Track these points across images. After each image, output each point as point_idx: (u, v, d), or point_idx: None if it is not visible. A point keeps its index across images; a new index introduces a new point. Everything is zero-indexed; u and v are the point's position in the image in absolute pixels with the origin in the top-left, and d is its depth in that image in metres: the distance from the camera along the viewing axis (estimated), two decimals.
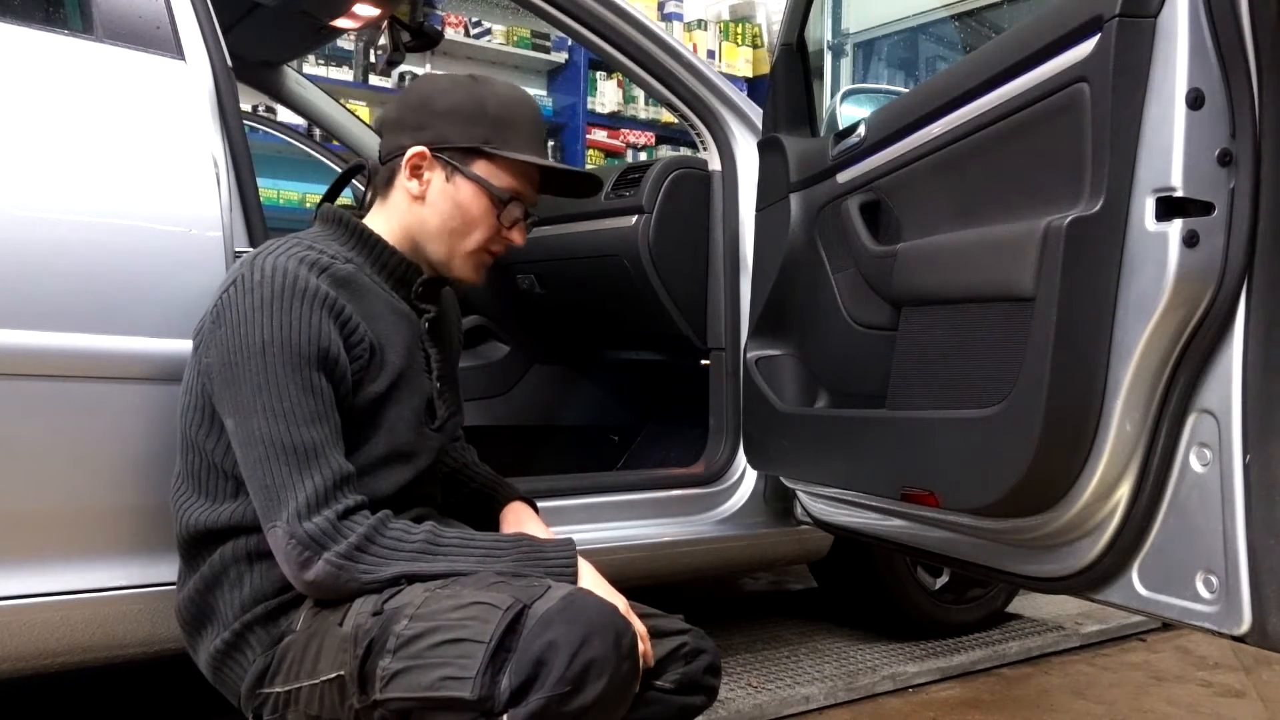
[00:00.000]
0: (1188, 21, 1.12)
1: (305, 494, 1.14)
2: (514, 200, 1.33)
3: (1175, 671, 2.26)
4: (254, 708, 1.23)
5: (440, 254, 1.34)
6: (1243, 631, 1.08)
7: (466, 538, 1.22)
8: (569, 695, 1.01)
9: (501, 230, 1.34)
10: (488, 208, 1.32)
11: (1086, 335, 1.18)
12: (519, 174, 1.33)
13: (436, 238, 1.33)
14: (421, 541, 1.18)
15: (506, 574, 1.17)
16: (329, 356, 1.19)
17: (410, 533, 1.18)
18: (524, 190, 1.35)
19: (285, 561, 1.15)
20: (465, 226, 1.33)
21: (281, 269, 1.20)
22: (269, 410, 1.15)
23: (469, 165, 1.31)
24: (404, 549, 1.17)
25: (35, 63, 1.37)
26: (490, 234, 1.34)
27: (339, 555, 1.13)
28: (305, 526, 1.13)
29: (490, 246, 1.35)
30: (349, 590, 1.15)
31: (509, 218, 1.34)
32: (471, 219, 1.32)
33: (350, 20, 2.44)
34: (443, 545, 1.19)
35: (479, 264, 1.37)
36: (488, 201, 1.32)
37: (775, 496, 2.07)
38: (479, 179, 1.31)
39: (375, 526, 1.16)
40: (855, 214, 1.64)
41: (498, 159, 1.31)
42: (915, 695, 2.10)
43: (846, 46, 5.42)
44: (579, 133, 5.20)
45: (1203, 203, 1.12)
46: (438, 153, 1.31)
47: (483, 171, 1.31)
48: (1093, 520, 1.25)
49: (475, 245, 1.34)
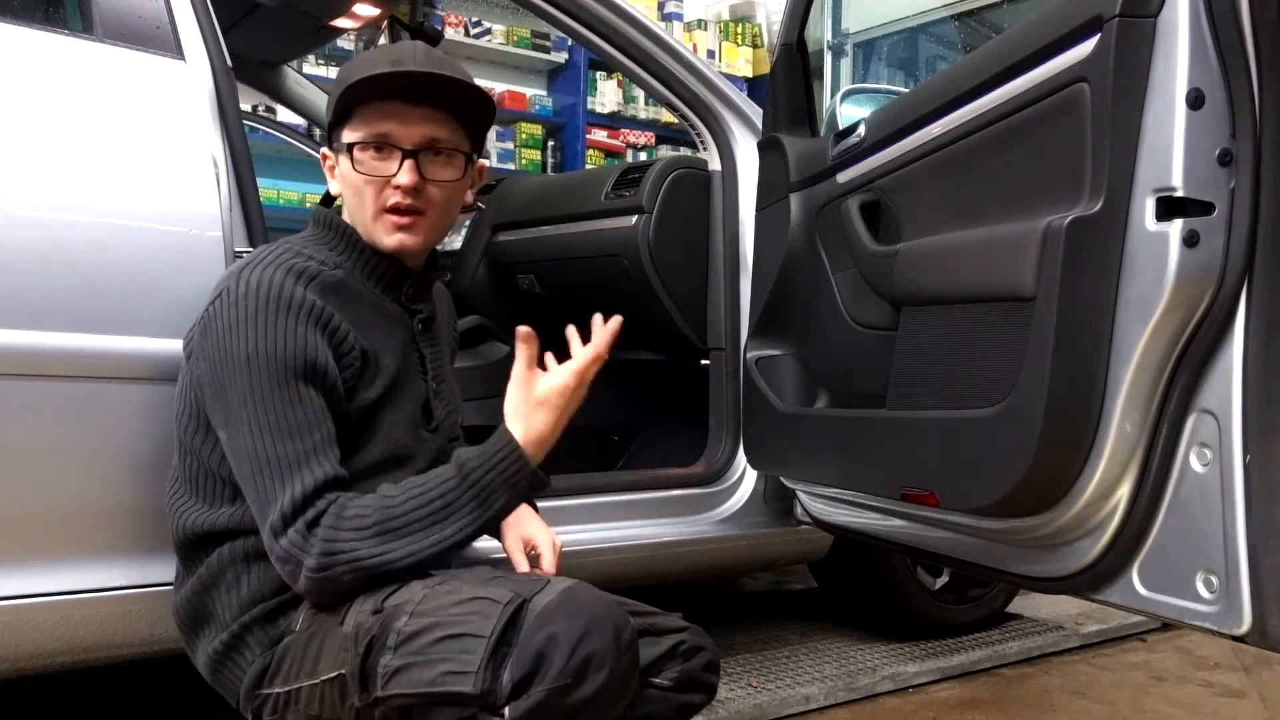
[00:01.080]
0: (1188, 21, 1.11)
1: (280, 508, 1.13)
2: (374, 144, 1.24)
3: (1175, 671, 2.26)
4: (253, 708, 1.23)
5: (367, 235, 1.29)
6: (1243, 631, 1.08)
7: (417, 499, 1.17)
8: (570, 688, 1.02)
9: (389, 183, 1.25)
10: (353, 167, 1.26)
11: (1086, 335, 1.18)
12: (376, 116, 1.25)
13: (355, 222, 1.30)
14: (376, 525, 1.14)
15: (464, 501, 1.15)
16: (316, 368, 1.18)
17: (364, 519, 1.14)
18: (385, 128, 1.24)
19: (280, 569, 1.17)
20: (358, 198, 1.27)
21: (267, 282, 1.19)
22: (253, 424, 1.15)
23: (338, 139, 1.28)
24: (367, 541, 1.13)
25: (35, 63, 1.37)
26: (376, 190, 1.26)
27: (312, 570, 1.12)
28: (281, 544, 1.13)
29: (386, 203, 1.26)
30: (343, 592, 1.15)
31: (379, 166, 1.24)
32: (354, 187, 1.27)
33: (350, 20, 2.45)
34: (399, 520, 1.15)
35: (391, 228, 1.27)
36: (350, 161, 1.26)
37: (775, 496, 2.07)
38: (343, 146, 1.27)
39: (332, 525, 1.13)
40: (855, 214, 1.64)
41: (351, 115, 1.26)
42: (915, 695, 2.10)
43: (846, 46, 5.42)
44: (579, 133, 5.20)
45: (1203, 203, 1.12)
46: (331, 144, 1.30)
47: (347, 137, 1.26)
48: (1093, 520, 1.25)
49: (372, 209, 1.27)
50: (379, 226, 1.27)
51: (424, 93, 1.25)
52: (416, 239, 1.28)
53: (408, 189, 1.24)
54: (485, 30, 5.09)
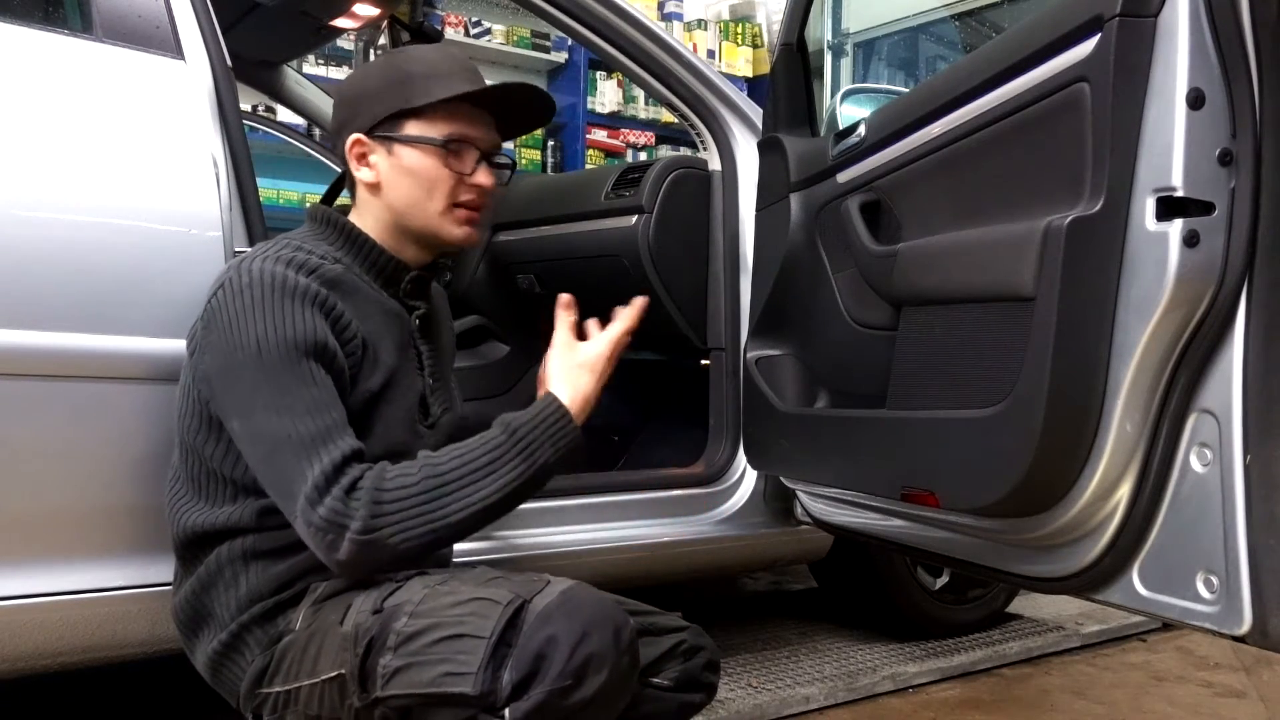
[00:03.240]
0: (1188, 21, 1.11)
1: (312, 479, 1.13)
2: (458, 143, 1.30)
3: (1176, 672, 2.26)
4: (253, 708, 1.23)
5: (423, 227, 1.32)
6: (1243, 632, 1.08)
7: (461, 457, 1.19)
8: (570, 689, 1.02)
9: (464, 179, 1.31)
10: (435, 162, 1.29)
11: (1087, 335, 1.18)
12: (456, 117, 1.30)
13: (410, 214, 1.31)
14: (422, 481, 1.15)
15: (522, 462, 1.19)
16: (326, 350, 1.19)
17: (409, 477, 1.16)
18: (468, 130, 1.31)
19: (316, 550, 1.15)
20: (426, 191, 1.30)
21: (269, 271, 1.19)
22: (270, 406, 1.15)
23: (401, 130, 1.29)
24: (413, 499, 1.14)
25: (34, 62, 1.37)
26: (452, 186, 1.30)
27: (358, 533, 1.12)
28: (319, 512, 1.12)
29: (460, 198, 1.31)
30: (385, 559, 1.14)
31: (461, 164, 1.30)
32: (427, 180, 1.30)
33: (350, 20, 2.44)
34: (445, 477, 1.17)
35: (460, 221, 1.32)
36: (433, 156, 1.29)
37: (775, 496, 2.07)
38: (415, 138, 1.29)
39: (376, 487, 1.14)
40: (855, 214, 1.64)
41: (425, 111, 1.29)
42: (915, 695, 2.10)
43: (846, 46, 5.42)
44: (579, 133, 5.20)
45: (1203, 203, 1.11)
46: (372, 133, 1.30)
47: (417, 130, 1.29)
48: (1093, 520, 1.25)
49: (444, 204, 1.31)
50: (447, 219, 1.32)
51: (499, 104, 1.34)
52: (479, 234, 1.36)
53: (487, 189, 1.33)
54: (485, 30, 5.09)
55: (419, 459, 1.19)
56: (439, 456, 1.19)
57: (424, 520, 1.14)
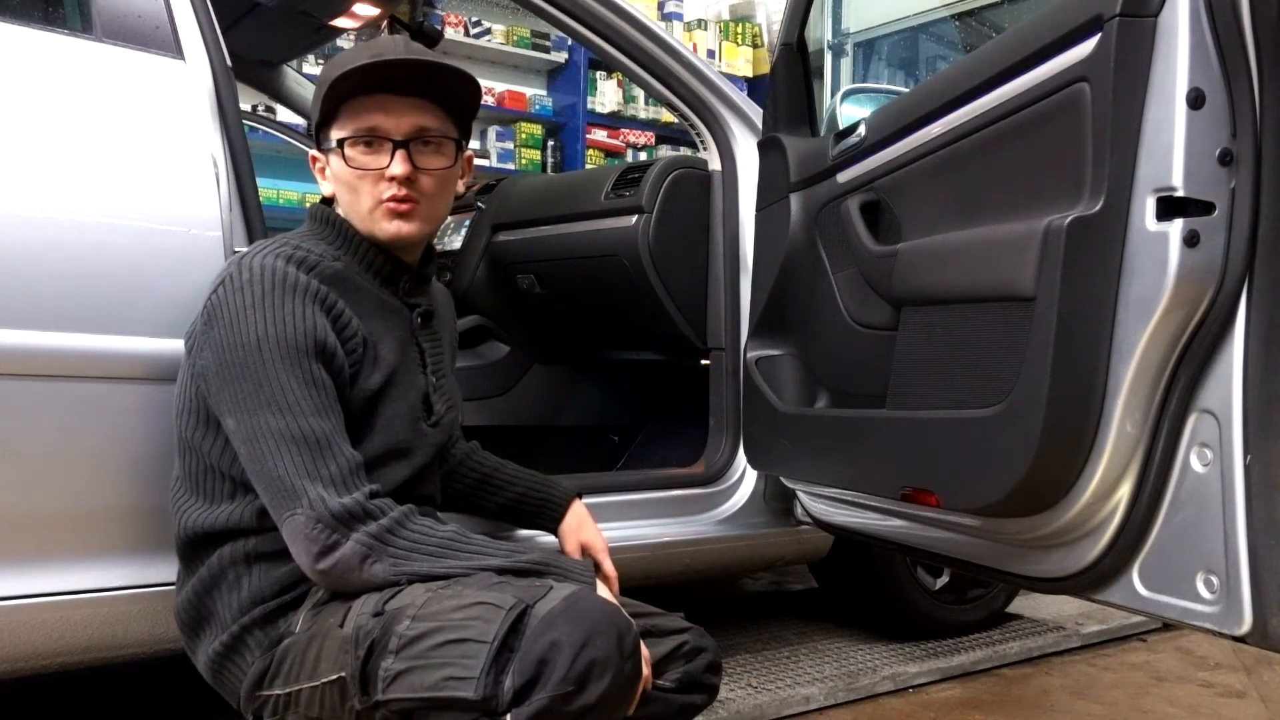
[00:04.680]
0: (1188, 21, 1.11)
1: (329, 475, 1.13)
2: (363, 138, 1.25)
3: (1176, 672, 2.26)
4: (254, 709, 1.23)
5: (365, 230, 1.30)
6: (1243, 632, 1.08)
7: (488, 542, 1.22)
8: (572, 695, 1.01)
9: (383, 175, 1.26)
10: (344, 164, 1.27)
11: (1087, 335, 1.18)
12: (361, 112, 1.26)
13: (351, 218, 1.30)
14: (446, 539, 1.18)
15: (511, 570, 1.17)
16: (326, 348, 1.19)
17: (435, 530, 1.18)
18: (376, 122, 1.25)
19: (306, 546, 1.13)
20: (352, 193, 1.29)
21: (270, 267, 1.20)
22: (273, 405, 1.15)
23: (327, 139, 1.30)
24: (428, 544, 1.16)
25: (34, 62, 1.37)
26: (371, 185, 1.27)
27: (370, 535, 1.13)
28: (335, 504, 1.12)
29: (382, 195, 1.27)
30: (366, 578, 1.14)
31: (372, 159, 1.26)
32: (348, 183, 1.28)
33: (350, 20, 2.44)
34: (467, 547, 1.19)
35: (388, 215, 1.27)
36: (340, 158, 1.27)
37: (775, 496, 2.07)
38: (332, 144, 1.28)
39: (405, 514, 1.17)
40: (855, 214, 1.64)
41: (336, 115, 1.28)
42: (915, 695, 2.10)
43: (846, 46, 5.42)
44: (579, 133, 5.20)
45: (1203, 202, 1.11)
46: (320, 147, 1.32)
47: (336, 134, 1.28)
48: (1093, 520, 1.25)
49: (369, 202, 1.28)
50: (376, 217, 1.28)
51: (408, 83, 1.26)
52: (413, 226, 1.29)
53: (402, 179, 1.26)
54: (485, 30, 5.09)
55: (453, 525, 1.23)
56: (474, 536, 1.21)
57: (425, 561, 1.15)
